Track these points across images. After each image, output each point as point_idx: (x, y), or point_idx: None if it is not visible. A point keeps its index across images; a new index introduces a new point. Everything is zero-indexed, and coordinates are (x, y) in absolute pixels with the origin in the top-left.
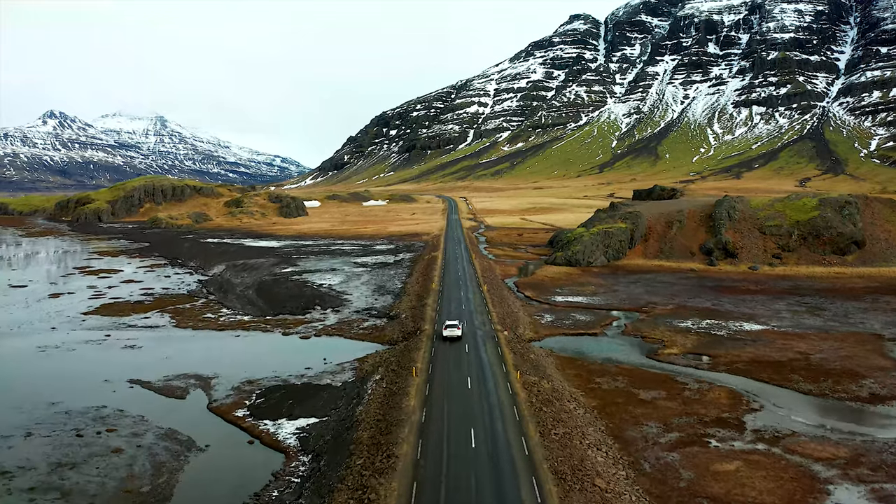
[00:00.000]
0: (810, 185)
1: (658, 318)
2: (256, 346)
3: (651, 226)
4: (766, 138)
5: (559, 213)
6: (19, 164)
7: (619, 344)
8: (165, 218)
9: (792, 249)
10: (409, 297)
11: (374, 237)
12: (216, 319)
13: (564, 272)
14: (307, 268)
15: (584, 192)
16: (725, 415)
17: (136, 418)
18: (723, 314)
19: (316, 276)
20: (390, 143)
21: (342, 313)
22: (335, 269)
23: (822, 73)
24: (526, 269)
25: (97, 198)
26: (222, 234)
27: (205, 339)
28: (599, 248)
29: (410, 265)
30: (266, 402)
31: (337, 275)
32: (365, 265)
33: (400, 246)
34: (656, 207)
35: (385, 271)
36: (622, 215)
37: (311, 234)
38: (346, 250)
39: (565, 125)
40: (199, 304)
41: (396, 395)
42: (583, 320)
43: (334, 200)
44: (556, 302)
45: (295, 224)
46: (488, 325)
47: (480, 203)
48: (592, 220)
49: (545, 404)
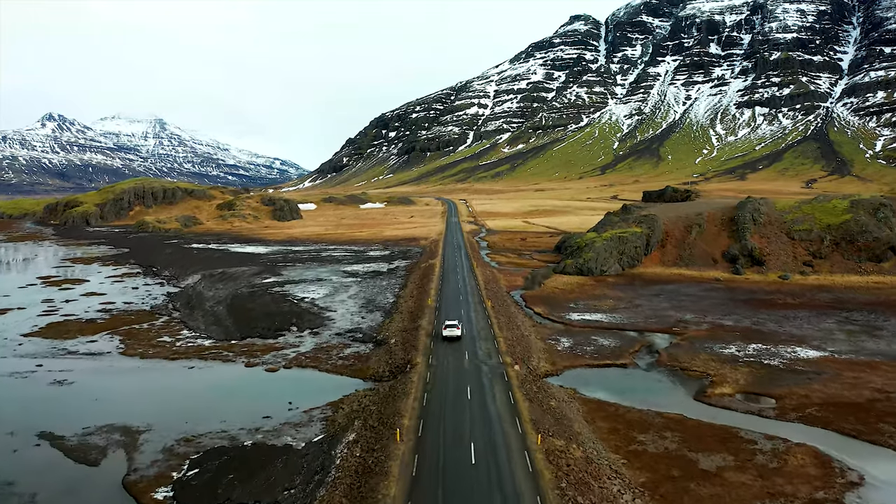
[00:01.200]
0: (817, 186)
1: (694, 341)
2: (210, 382)
3: (668, 230)
4: (769, 139)
5: (563, 216)
6: (18, 167)
7: (656, 380)
8: (152, 222)
9: (824, 256)
10: (400, 316)
11: (368, 242)
12: (172, 345)
13: (576, 282)
14: (291, 278)
15: (586, 193)
16: (821, 495)
17: (24, 498)
18: (767, 336)
19: (299, 287)
20: (389, 145)
21: (321, 336)
22: (322, 279)
23: (825, 74)
24: (533, 278)
25: (85, 201)
26: (209, 238)
27: (152, 371)
28: (613, 256)
29: (405, 274)
30: (200, 475)
31: (323, 286)
32: (355, 274)
33: (395, 252)
34: (672, 210)
35: (377, 282)
36: (636, 219)
37: (302, 239)
38: (336, 257)
39: (566, 126)
40: (158, 323)
41: (372, 473)
42: (607, 346)
43: (330, 203)
44: (571, 321)
45: (288, 228)
46: (495, 355)
47: (481, 205)
48: (603, 223)
49: (580, 490)
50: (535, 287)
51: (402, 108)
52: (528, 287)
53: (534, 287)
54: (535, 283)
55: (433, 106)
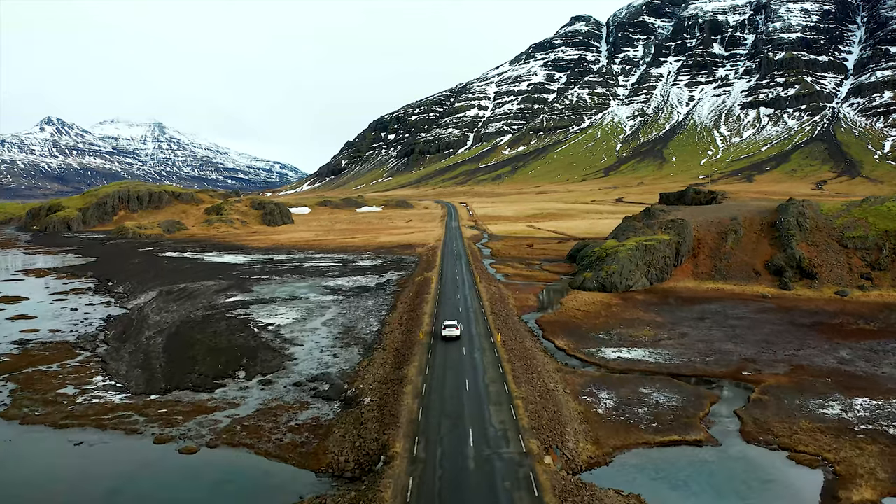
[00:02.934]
0: (827, 187)
1: (780, 395)
2: (89, 474)
3: (699, 237)
4: (775, 140)
5: (569, 220)
6: (16, 171)
7: (751, 470)
8: (133, 227)
9: (884, 268)
10: (383, 356)
11: (359, 250)
12: (72, 400)
13: (601, 301)
14: (261, 296)
15: (590, 196)
16: None
17: None
18: (868, 383)
19: (266, 309)
20: (388, 147)
21: (274, 387)
22: (297, 297)
23: (830, 74)
24: (548, 297)
25: (68, 205)
26: (189, 245)
27: (21, 446)
28: (640, 268)
29: (396, 291)
30: None
31: (295, 308)
32: (338, 291)
33: (388, 262)
34: (700, 214)
35: (361, 302)
36: (663, 224)
37: (288, 246)
38: (320, 268)
39: (568, 128)
40: (73, 363)
41: None
42: (664, 405)
43: (326, 207)
44: (606, 360)
45: (276, 233)
46: (513, 434)
47: (482, 209)
48: (623, 229)
49: None
50: (553, 309)
51: (402, 110)
52: (543, 308)
53: (551, 309)
54: (552, 302)
55: (433, 108)
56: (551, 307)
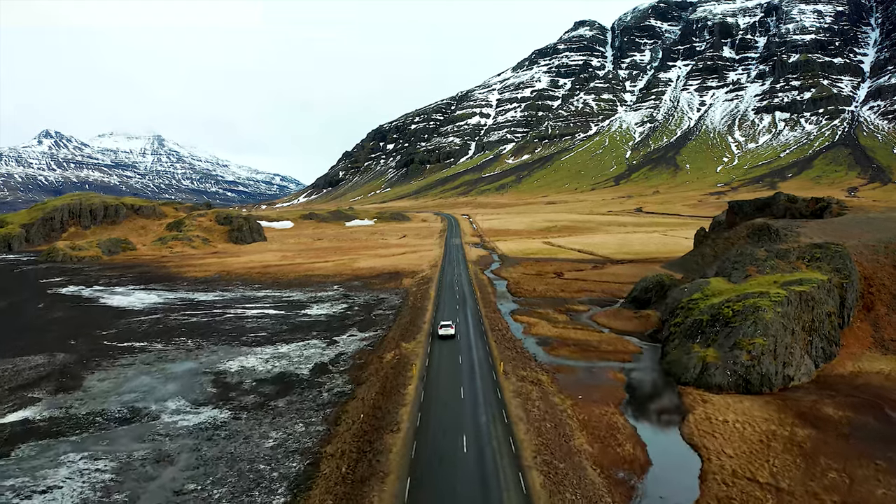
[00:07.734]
0: (861, 194)
1: None
2: None
3: (867, 275)
4: (794, 146)
5: (590, 235)
6: (13, 185)
7: None
8: (65, 248)
9: None
10: None
11: (326, 280)
12: None
13: (769, 433)
14: (73, 409)
15: (604, 206)
16: None
17: None
18: None
19: (29, 466)
20: (387, 157)
21: None
22: (138, 411)
23: (846, 77)
24: (646, 414)
25: (12, 221)
26: (112, 274)
27: None
28: (799, 339)
29: (342, 392)
30: None
31: (96, 461)
32: (236, 387)
33: (355, 307)
34: (839, 232)
35: (258, 430)
36: (803, 252)
37: (235, 275)
38: (245, 322)
39: (573, 135)
40: None
41: None
42: None
43: (311, 220)
44: None
45: (236, 255)
46: None
47: (487, 222)
48: (732, 261)
49: None
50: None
51: (401, 120)
52: (658, 468)
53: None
54: (664, 427)
55: (433, 116)
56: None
